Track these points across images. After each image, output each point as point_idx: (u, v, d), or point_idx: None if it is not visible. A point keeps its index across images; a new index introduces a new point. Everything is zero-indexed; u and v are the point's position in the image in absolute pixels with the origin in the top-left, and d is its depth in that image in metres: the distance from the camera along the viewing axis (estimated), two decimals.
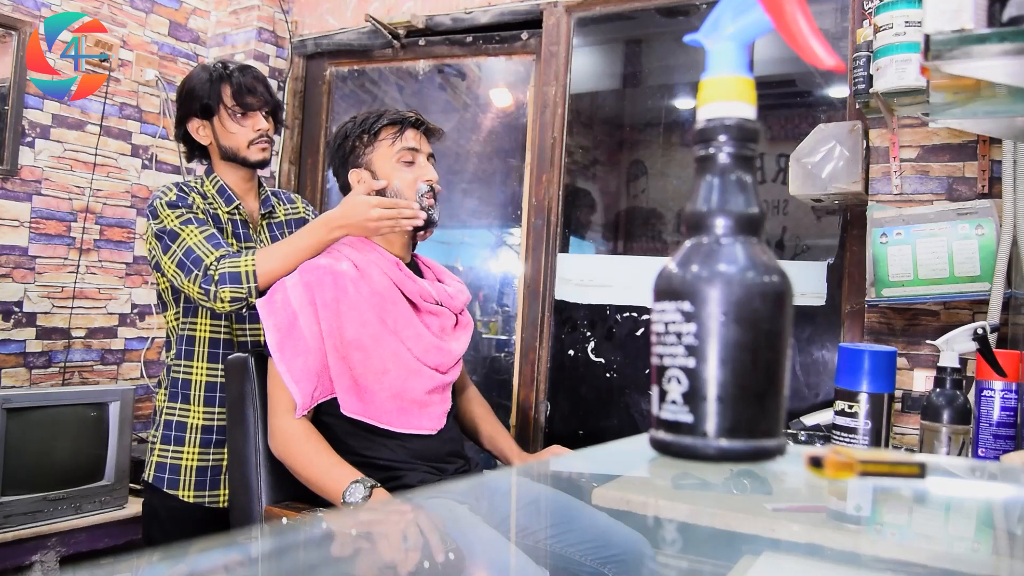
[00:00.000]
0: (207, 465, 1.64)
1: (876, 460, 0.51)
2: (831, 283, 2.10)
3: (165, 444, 1.65)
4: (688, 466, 0.50)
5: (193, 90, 1.65)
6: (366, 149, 1.52)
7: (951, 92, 0.90)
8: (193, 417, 1.65)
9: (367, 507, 1.21)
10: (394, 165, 1.50)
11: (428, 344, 1.48)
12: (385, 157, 1.51)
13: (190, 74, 1.71)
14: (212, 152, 1.71)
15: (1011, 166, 1.58)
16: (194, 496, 1.63)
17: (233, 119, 1.65)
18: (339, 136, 1.55)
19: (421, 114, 1.56)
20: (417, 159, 1.52)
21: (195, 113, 1.66)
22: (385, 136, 1.51)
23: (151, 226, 1.58)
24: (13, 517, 2.21)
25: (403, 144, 1.51)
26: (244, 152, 1.67)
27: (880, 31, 1.51)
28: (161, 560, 0.35)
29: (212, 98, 1.64)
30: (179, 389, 1.66)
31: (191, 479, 1.63)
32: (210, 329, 1.66)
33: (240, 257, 1.49)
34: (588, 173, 2.99)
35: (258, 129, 1.67)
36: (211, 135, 1.68)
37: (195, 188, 1.66)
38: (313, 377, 1.39)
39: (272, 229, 1.77)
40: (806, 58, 0.48)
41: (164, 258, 1.54)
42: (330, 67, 3.08)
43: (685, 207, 0.50)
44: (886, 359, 1.12)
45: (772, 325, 0.46)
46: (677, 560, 0.60)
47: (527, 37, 2.66)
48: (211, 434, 1.65)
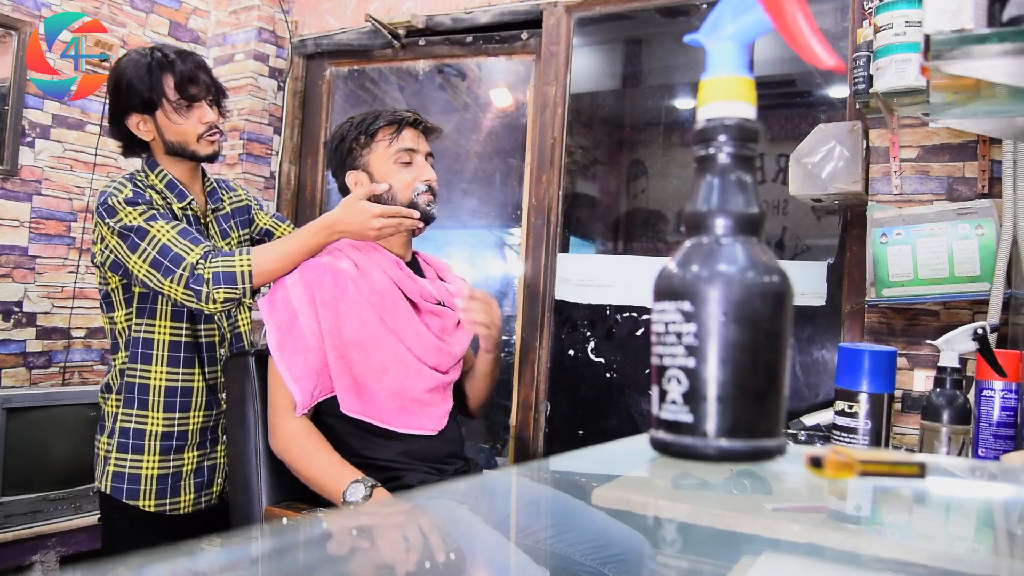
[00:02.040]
0: (167, 473, 1.58)
1: (876, 460, 0.51)
2: (831, 283, 2.10)
3: (122, 452, 1.56)
4: (688, 466, 0.50)
5: (131, 83, 1.51)
6: (363, 151, 1.50)
7: (951, 92, 0.90)
8: (152, 424, 1.57)
9: (367, 507, 1.21)
10: (391, 166, 1.49)
11: (428, 344, 1.48)
12: (382, 158, 1.50)
13: (122, 62, 1.54)
14: (155, 147, 1.58)
15: (1011, 166, 1.58)
16: (155, 505, 1.56)
17: (178, 112, 1.53)
18: (336, 138, 1.54)
19: (419, 113, 1.55)
20: (415, 159, 1.51)
21: (134, 107, 1.52)
22: (382, 137, 1.50)
23: (109, 225, 1.46)
24: (13, 517, 2.21)
25: (400, 145, 1.50)
26: (193, 147, 1.56)
27: (880, 31, 1.51)
28: (162, 560, 0.35)
29: (154, 91, 1.50)
30: (135, 395, 1.56)
31: (152, 488, 1.56)
32: (170, 332, 1.57)
33: (233, 256, 1.43)
34: (588, 173, 2.99)
35: (206, 121, 1.55)
36: (154, 130, 1.55)
37: (144, 183, 1.55)
38: (313, 375, 1.39)
39: (220, 222, 1.68)
40: (806, 58, 0.48)
41: (133, 257, 1.44)
42: (330, 67, 3.08)
43: (685, 207, 0.50)
44: (886, 359, 1.12)
45: (772, 325, 0.46)
46: (677, 560, 0.60)
47: (527, 37, 2.65)
48: (171, 440, 1.58)
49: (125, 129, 1.56)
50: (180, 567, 0.35)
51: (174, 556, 0.35)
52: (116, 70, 1.54)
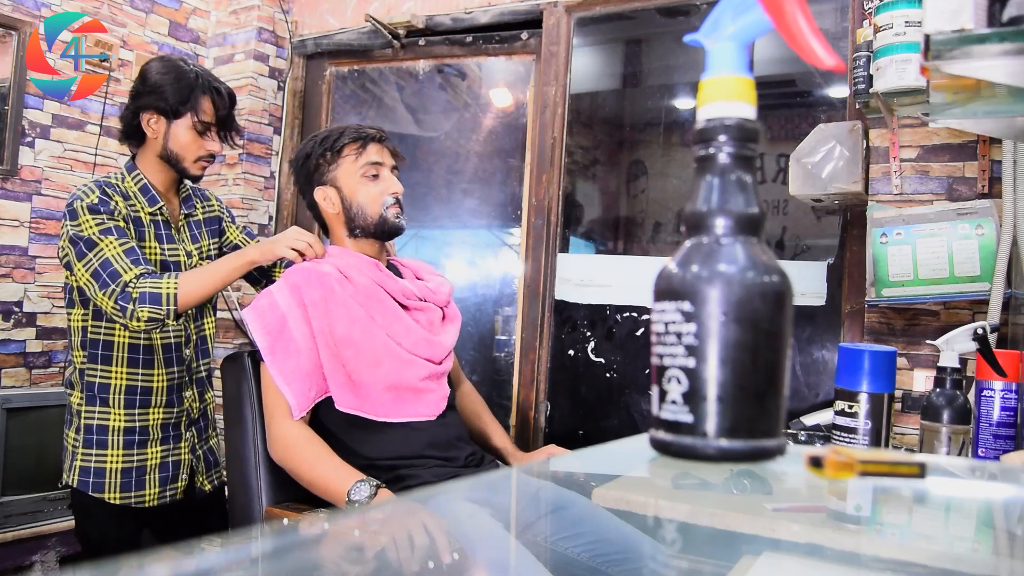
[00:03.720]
0: (131, 466, 1.62)
1: (876, 460, 0.51)
2: (831, 283, 2.10)
3: (88, 448, 1.61)
4: (688, 466, 0.50)
5: (164, 86, 1.58)
6: (330, 167, 1.54)
7: (951, 92, 0.90)
8: (114, 420, 1.61)
9: (372, 506, 1.21)
10: (358, 180, 1.52)
11: (418, 337, 1.49)
12: (349, 173, 1.53)
13: (164, 64, 1.63)
14: (150, 145, 1.64)
15: (1011, 166, 1.58)
16: (120, 498, 1.61)
17: (193, 130, 1.61)
18: (301, 156, 1.57)
19: (383, 130, 1.58)
20: (381, 172, 1.54)
21: (156, 107, 1.59)
22: (348, 152, 1.53)
23: (67, 227, 1.52)
24: (13, 517, 2.21)
25: (366, 159, 1.53)
26: (186, 164, 1.63)
27: (880, 31, 1.51)
28: (162, 560, 0.35)
29: (185, 104, 1.59)
30: (96, 393, 1.61)
31: (116, 481, 1.61)
32: (129, 335, 1.62)
33: (162, 278, 1.48)
34: (588, 173, 2.99)
35: (209, 149, 1.64)
36: (161, 133, 1.61)
37: (116, 187, 1.60)
38: (306, 378, 1.39)
39: (192, 228, 1.73)
40: (806, 58, 0.48)
41: (78, 264, 1.50)
42: (330, 67, 3.08)
43: (685, 207, 0.50)
44: (886, 359, 1.12)
45: (772, 325, 0.46)
46: (677, 560, 0.60)
47: (527, 37, 2.66)
48: (133, 435, 1.63)
49: (136, 120, 1.62)
50: (180, 567, 0.35)
51: (174, 556, 0.35)
52: (156, 69, 1.61)
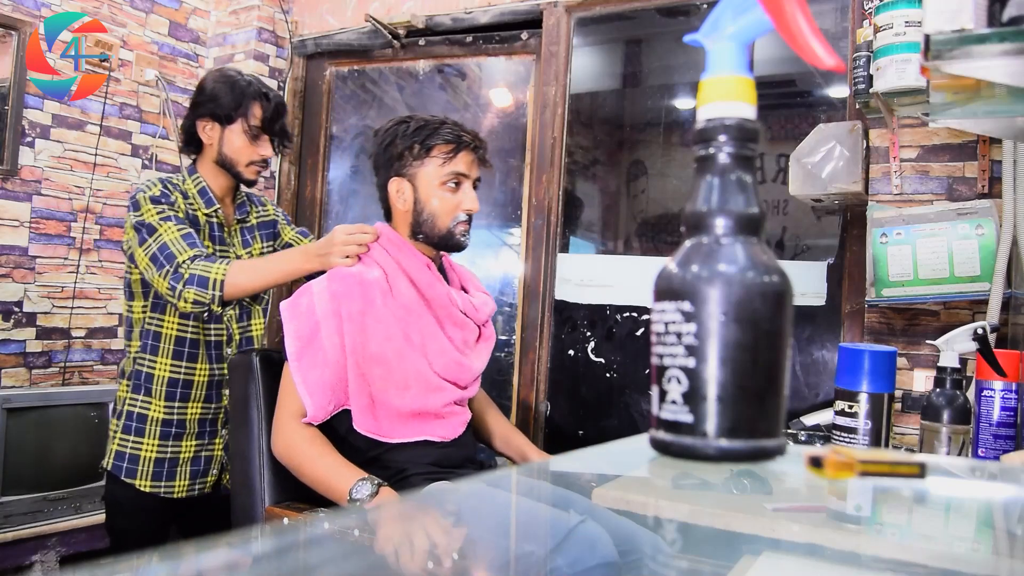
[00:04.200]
0: (165, 457, 1.69)
1: (876, 460, 0.51)
2: (831, 283, 2.10)
3: (126, 434, 1.69)
4: (688, 466, 0.50)
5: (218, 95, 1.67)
6: (414, 161, 1.45)
7: (951, 92, 0.90)
8: (154, 410, 1.69)
9: (374, 505, 1.21)
10: (438, 187, 1.44)
11: (450, 360, 1.46)
12: (431, 176, 1.44)
13: (219, 75, 1.73)
14: (207, 152, 1.73)
15: (1011, 166, 1.58)
16: (150, 486, 1.68)
17: (246, 136, 1.69)
18: (388, 135, 1.48)
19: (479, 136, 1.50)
20: (463, 185, 1.46)
21: (211, 115, 1.68)
22: (437, 154, 1.44)
23: (131, 217, 1.61)
24: (13, 517, 2.21)
25: (454, 167, 1.44)
26: (240, 168, 1.71)
27: (880, 31, 1.51)
28: (161, 560, 0.35)
29: (237, 110, 1.67)
30: (142, 382, 1.69)
31: (148, 469, 1.68)
32: (177, 327, 1.69)
33: (214, 263, 1.52)
34: (588, 173, 2.99)
35: (262, 154, 1.71)
36: (216, 139, 1.70)
37: (178, 186, 1.69)
38: (328, 391, 1.37)
39: (244, 233, 1.81)
40: (806, 58, 0.48)
41: (139, 250, 1.57)
42: (330, 67, 3.08)
43: (685, 207, 0.50)
44: (886, 359, 1.12)
45: (772, 325, 0.46)
46: (677, 560, 0.60)
47: (527, 37, 2.65)
48: (170, 427, 1.70)
49: (193, 128, 1.71)
50: (180, 567, 0.35)
51: (174, 556, 0.35)
52: (211, 79, 1.72)
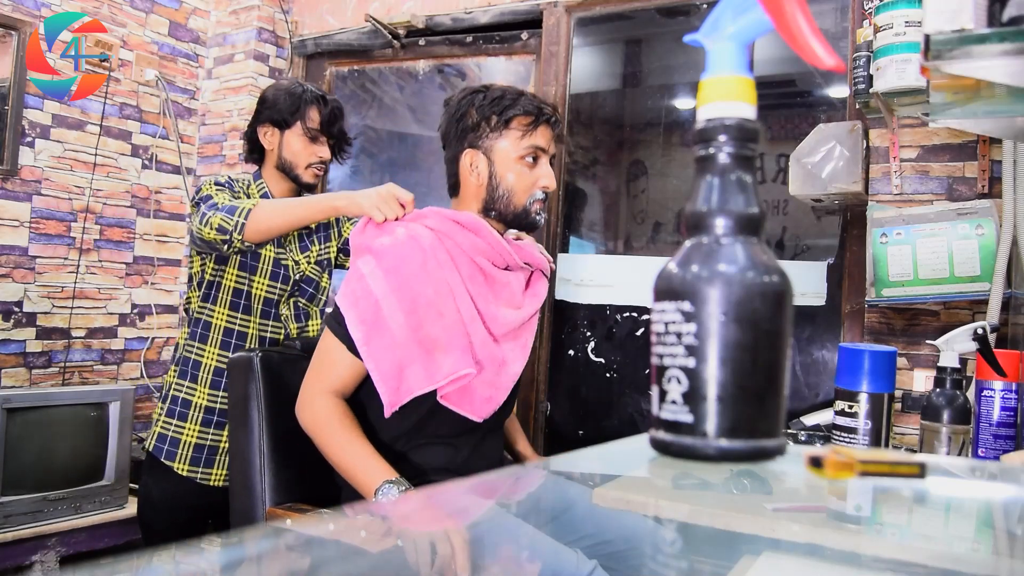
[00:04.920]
0: (205, 443, 1.74)
1: (876, 460, 0.51)
2: (831, 283, 2.10)
3: (169, 417, 1.74)
4: (688, 466, 0.50)
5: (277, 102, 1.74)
6: (492, 133, 1.37)
7: (951, 92, 0.90)
8: (198, 397, 1.74)
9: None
10: (516, 161, 1.37)
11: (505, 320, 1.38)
12: (510, 150, 1.36)
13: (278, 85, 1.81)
14: (269, 157, 1.79)
15: (1011, 166, 1.58)
16: (188, 470, 1.72)
17: (304, 138, 1.74)
18: (463, 105, 1.39)
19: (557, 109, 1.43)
20: (541, 159, 1.39)
21: (271, 120, 1.74)
22: (517, 127, 1.36)
23: (193, 199, 1.66)
24: (13, 517, 2.21)
25: (533, 141, 1.37)
26: (299, 171, 1.76)
27: (880, 31, 1.51)
28: (161, 560, 0.35)
29: (295, 114, 1.73)
30: (189, 368, 1.75)
31: (188, 454, 1.72)
32: (226, 319, 1.75)
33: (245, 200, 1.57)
34: (588, 173, 2.98)
35: (320, 156, 1.76)
36: (276, 143, 1.76)
37: (242, 186, 1.75)
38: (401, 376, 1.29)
39: (302, 239, 1.83)
40: (806, 58, 0.48)
41: (195, 216, 1.61)
42: (330, 67, 3.08)
43: (685, 207, 0.50)
44: (886, 359, 1.12)
45: (772, 325, 0.46)
46: (677, 560, 0.60)
47: (527, 37, 2.65)
48: (212, 415, 1.74)
49: (255, 135, 1.78)
50: (180, 567, 0.35)
51: (175, 556, 0.35)
52: (271, 88, 1.81)
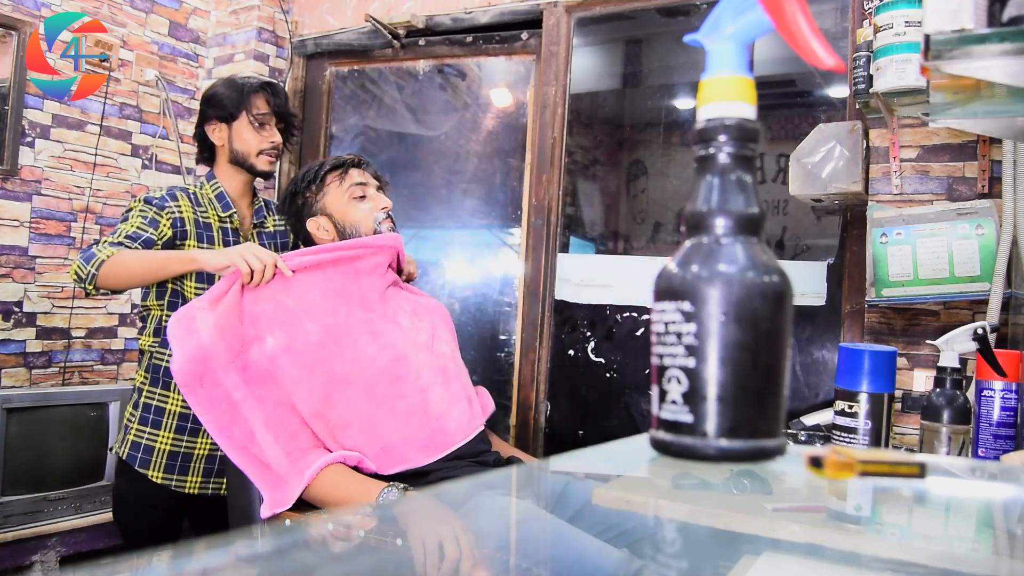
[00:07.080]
0: (179, 451, 1.70)
1: (876, 460, 0.51)
2: (831, 283, 2.10)
3: (143, 425, 1.70)
4: (688, 466, 0.50)
5: (220, 97, 1.75)
6: (317, 197, 1.58)
7: (951, 92, 0.90)
8: (171, 404, 1.70)
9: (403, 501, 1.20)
10: (347, 202, 1.57)
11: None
12: (337, 198, 1.57)
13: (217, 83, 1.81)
14: (220, 154, 1.78)
15: (1011, 166, 1.58)
16: (162, 478, 1.69)
17: (251, 127, 1.74)
18: (287, 196, 1.62)
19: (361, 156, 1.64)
20: (367, 191, 1.59)
21: (217, 117, 1.75)
22: (331, 180, 1.58)
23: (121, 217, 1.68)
24: (13, 517, 2.21)
25: (350, 181, 1.58)
26: (252, 159, 1.76)
27: (880, 31, 1.51)
28: (161, 560, 0.35)
29: (239, 106, 1.74)
30: (159, 375, 1.71)
31: (162, 461, 1.68)
32: None
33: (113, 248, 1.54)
34: (588, 173, 2.98)
35: (272, 141, 1.76)
36: (226, 138, 1.76)
37: (191, 193, 1.74)
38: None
39: (262, 238, 1.83)
40: (806, 58, 0.48)
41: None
42: (330, 67, 3.07)
43: (685, 207, 0.50)
44: (886, 359, 1.12)
45: (772, 325, 0.46)
46: (677, 560, 0.60)
47: (527, 37, 2.65)
48: (187, 422, 1.70)
49: (204, 135, 1.78)
50: (181, 567, 0.35)
51: (174, 556, 0.35)
52: (211, 87, 1.80)
